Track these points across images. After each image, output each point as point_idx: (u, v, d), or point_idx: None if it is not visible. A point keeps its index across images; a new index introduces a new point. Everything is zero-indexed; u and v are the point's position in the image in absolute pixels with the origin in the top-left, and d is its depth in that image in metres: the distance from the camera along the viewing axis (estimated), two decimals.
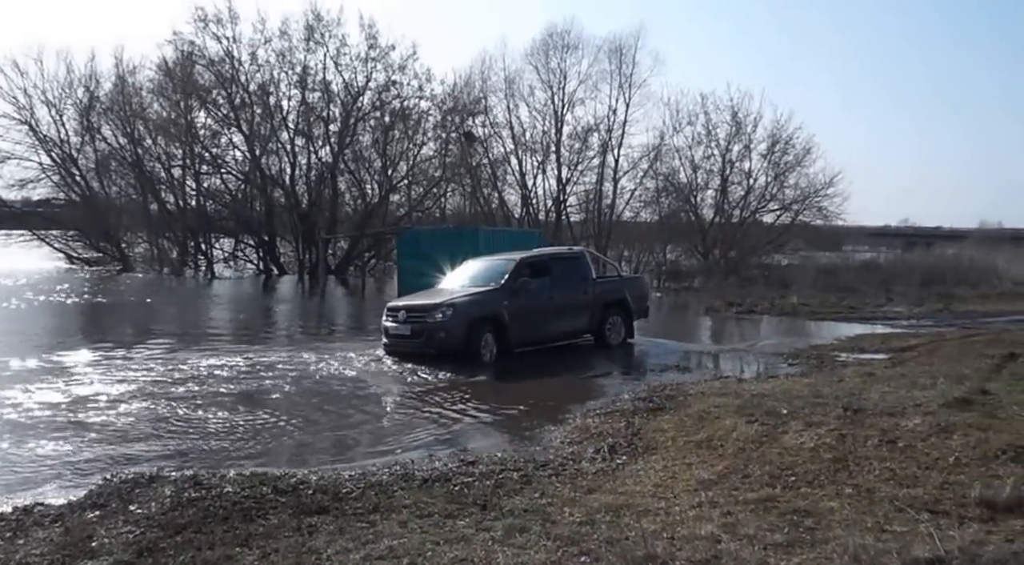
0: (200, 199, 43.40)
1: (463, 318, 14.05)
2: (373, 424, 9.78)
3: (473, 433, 9.33)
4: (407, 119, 41.23)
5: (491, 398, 11.22)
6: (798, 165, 39.53)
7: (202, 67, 40.36)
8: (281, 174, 41.85)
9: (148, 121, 42.95)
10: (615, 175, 40.93)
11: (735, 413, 8.51)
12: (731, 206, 40.67)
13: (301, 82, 40.16)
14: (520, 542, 5.22)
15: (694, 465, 7.04)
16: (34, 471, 7.60)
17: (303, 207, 41.16)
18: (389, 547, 5.17)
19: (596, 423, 9.07)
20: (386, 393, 11.66)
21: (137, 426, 9.31)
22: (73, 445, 8.49)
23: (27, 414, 9.91)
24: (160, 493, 6.31)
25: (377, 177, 42.38)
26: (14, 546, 5.44)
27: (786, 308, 24.06)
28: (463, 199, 44.65)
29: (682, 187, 41.02)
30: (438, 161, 42.62)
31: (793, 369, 13.14)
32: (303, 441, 8.94)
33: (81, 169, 44.54)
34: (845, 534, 5.07)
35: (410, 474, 6.98)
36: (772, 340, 17.92)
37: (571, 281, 16.00)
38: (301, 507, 6.04)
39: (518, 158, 41.97)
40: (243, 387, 11.83)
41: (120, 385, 11.63)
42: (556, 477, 6.93)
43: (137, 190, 44.24)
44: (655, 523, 5.51)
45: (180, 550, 5.24)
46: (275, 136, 41.12)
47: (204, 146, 41.72)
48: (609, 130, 40.66)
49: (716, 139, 40.23)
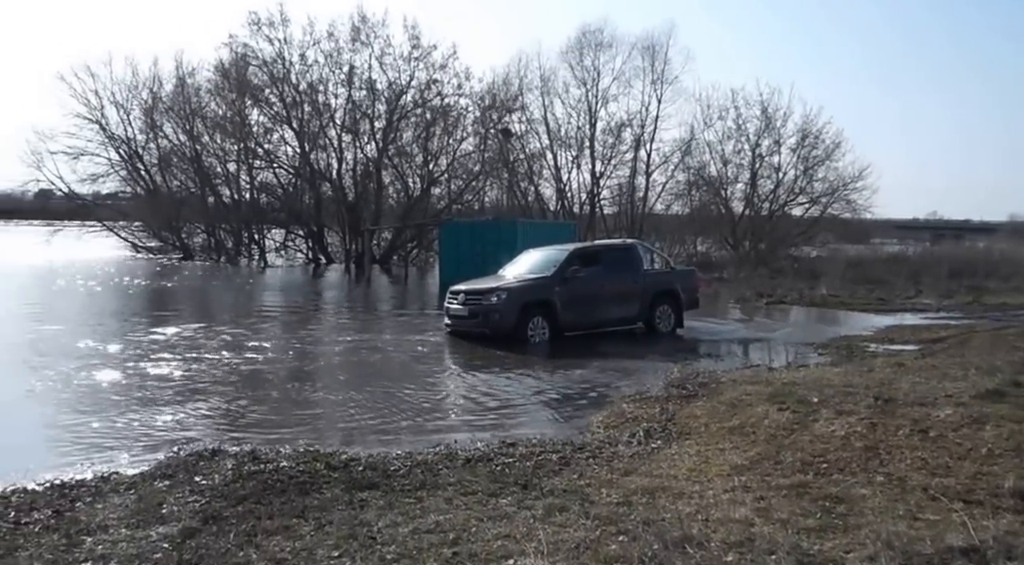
0: (254, 192, 43.97)
1: (516, 302, 14.70)
2: (424, 399, 9.86)
3: (513, 414, 9.32)
4: (447, 116, 41.25)
5: (534, 380, 11.27)
6: (827, 159, 38.97)
7: (256, 68, 40.68)
8: (329, 168, 42.11)
9: (206, 119, 43.56)
10: (647, 169, 40.75)
11: (767, 401, 8.41)
12: (760, 199, 40.21)
13: (348, 81, 40.33)
14: (560, 520, 5.22)
15: (727, 450, 6.98)
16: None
17: (350, 200, 41.35)
18: (436, 522, 5.21)
19: (631, 408, 9.03)
20: (437, 371, 11.74)
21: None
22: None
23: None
24: (222, 466, 6.47)
25: (419, 171, 42.49)
26: (94, 510, 5.63)
27: (815, 299, 23.69)
28: (501, 192, 44.68)
29: (712, 180, 40.68)
30: (477, 156, 42.63)
31: (823, 359, 12.96)
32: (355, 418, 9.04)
33: (145, 164, 45.39)
34: (878, 521, 4.99)
35: (454, 454, 7.02)
36: (802, 330, 17.71)
37: (622, 271, 16.27)
38: (352, 482, 6.11)
39: (553, 153, 41.95)
40: (301, 364, 11.98)
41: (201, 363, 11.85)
42: (593, 459, 6.92)
43: (196, 184, 44.84)
44: (690, 506, 5.47)
45: (242, 519, 5.34)
46: (323, 132, 41.35)
47: (257, 142, 42.08)
48: (642, 125, 40.48)
49: (746, 133, 39.83)
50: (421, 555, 4.68)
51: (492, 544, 4.81)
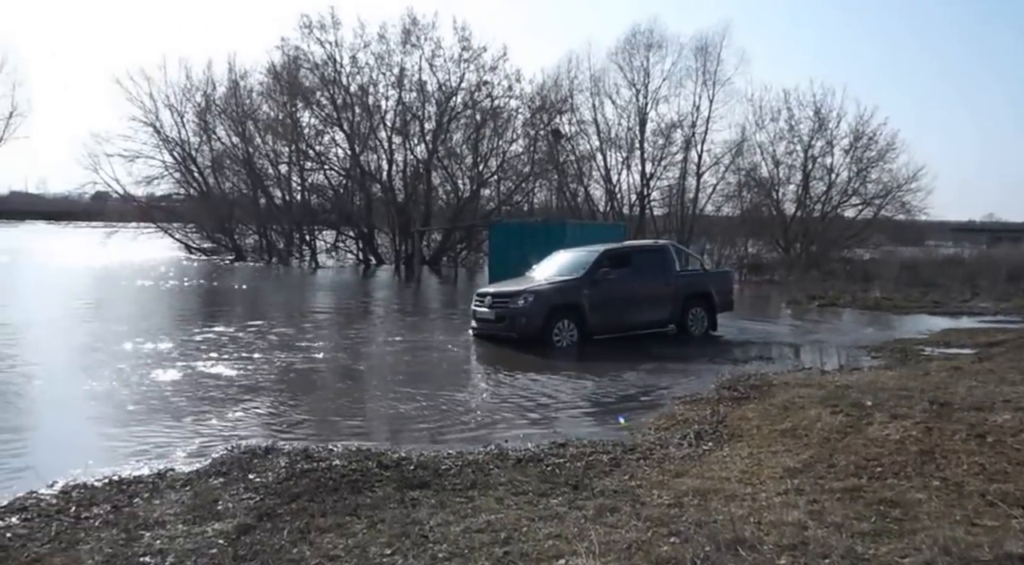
0: (305, 193, 44.41)
1: (543, 305, 14.47)
2: (474, 399, 9.91)
3: (563, 415, 9.33)
4: (497, 117, 41.35)
5: (584, 381, 11.23)
6: (881, 160, 38.26)
7: (307, 70, 41.14)
8: (379, 170, 42.42)
9: (258, 121, 44.12)
10: (698, 170, 40.40)
11: (819, 403, 8.31)
12: (812, 201, 39.62)
13: (398, 83, 40.62)
14: (611, 521, 5.22)
15: (779, 453, 6.90)
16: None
17: (400, 201, 41.63)
18: (487, 521, 5.23)
19: (682, 410, 8.99)
20: (486, 371, 11.79)
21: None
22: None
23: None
24: (275, 464, 6.56)
25: (469, 173, 42.65)
26: (151, 505, 5.74)
27: (868, 302, 23.29)
28: (550, 194, 44.69)
29: (764, 182, 40.20)
30: (527, 157, 42.68)
31: (877, 362, 12.76)
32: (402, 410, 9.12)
33: (199, 166, 46.00)
34: (934, 526, 4.91)
35: (504, 454, 7.04)
36: (855, 333, 17.42)
37: (653, 273, 16.00)
38: (404, 481, 6.16)
39: (603, 154, 41.78)
40: (352, 363, 12.12)
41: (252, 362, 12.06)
42: (644, 461, 6.89)
43: (248, 185, 45.39)
44: (742, 508, 5.43)
45: (295, 517, 5.41)
46: (374, 134, 41.70)
47: (308, 144, 42.56)
48: (692, 126, 40.13)
49: (798, 134, 39.25)
50: (472, 554, 4.71)
51: (543, 544, 4.82)
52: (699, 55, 39.89)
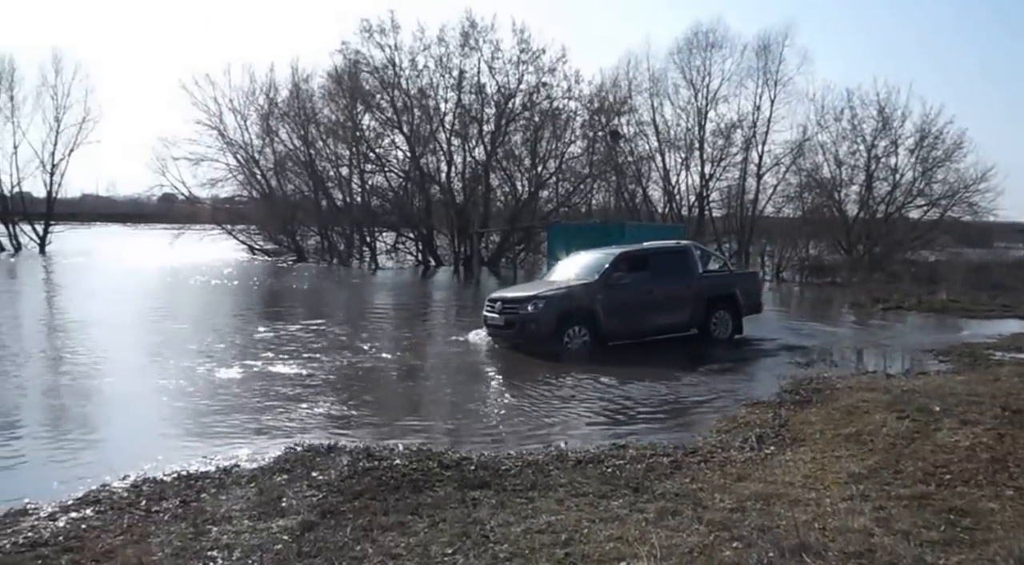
0: (365, 195, 44.78)
1: (553, 311, 13.83)
2: (533, 399, 9.89)
3: (622, 416, 9.27)
4: (556, 119, 41.26)
5: (642, 383, 11.11)
6: (948, 160, 37.16)
7: (367, 74, 41.50)
8: (438, 172, 42.66)
9: (319, 124, 44.68)
10: (758, 171, 39.78)
11: (885, 408, 8.14)
12: (876, 201, 38.73)
13: (457, 85, 40.76)
14: (673, 525, 5.18)
15: (843, 458, 6.77)
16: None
17: (458, 203, 41.81)
18: (548, 523, 5.23)
19: (743, 413, 8.88)
20: (544, 372, 11.74)
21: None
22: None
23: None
24: (338, 462, 6.64)
25: (527, 174, 42.63)
26: (218, 501, 5.87)
27: (935, 304, 22.66)
28: (608, 195, 44.40)
29: (825, 182, 39.40)
30: (585, 159, 42.48)
31: (944, 366, 12.42)
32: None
33: (262, 169, 46.82)
34: (1008, 536, 4.76)
35: (564, 455, 7.02)
36: (921, 336, 16.96)
37: (673, 275, 15.27)
38: (464, 481, 6.19)
39: (662, 155, 41.43)
40: (413, 363, 12.22)
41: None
42: (705, 464, 6.82)
43: (309, 187, 45.99)
44: (806, 513, 5.34)
45: (358, 514, 5.48)
46: (433, 136, 41.94)
47: (369, 146, 42.97)
48: (753, 126, 39.53)
49: (862, 134, 38.35)
50: (534, 555, 4.71)
51: (604, 546, 4.80)
52: (760, 54, 39.32)
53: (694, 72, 39.96)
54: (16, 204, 49.23)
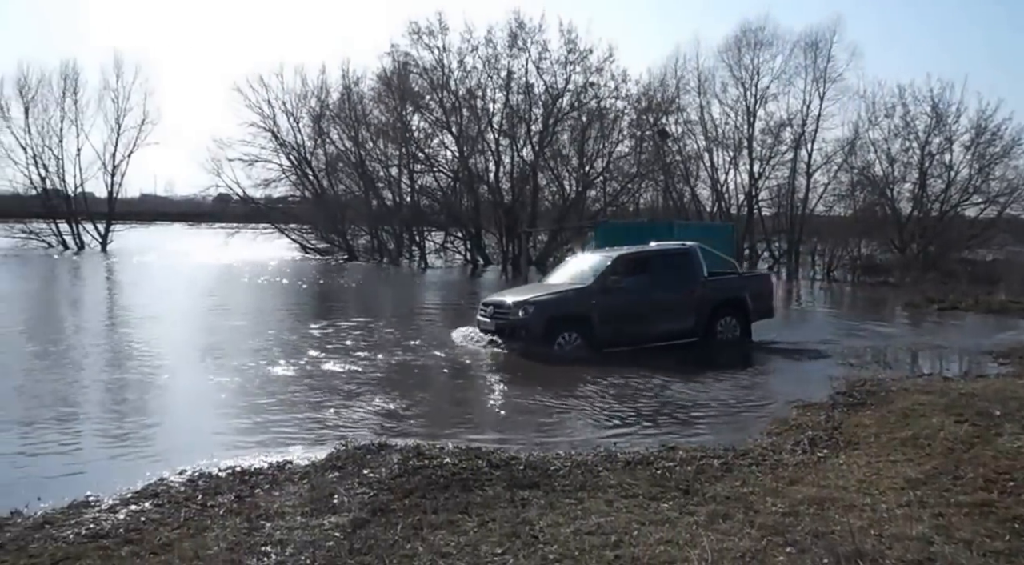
0: (414, 195, 45.15)
1: (543, 316, 13.27)
2: (580, 399, 9.84)
3: (672, 418, 9.15)
4: (603, 118, 41.10)
5: (693, 384, 10.96)
6: (1005, 156, 36.13)
7: (416, 75, 41.81)
8: (487, 172, 42.75)
9: (369, 125, 45.14)
10: (808, 169, 39.17)
11: (942, 412, 7.93)
12: (930, 199, 37.87)
13: (505, 86, 40.83)
14: (724, 528, 5.08)
15: (899, 463, 6.60)
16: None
17: (506, 202, 41.85)
18: (597, 524, 5.17)
19: (795, 415, 8.71)
20: (592, 372, 11.64)
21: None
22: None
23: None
24: (388, 460, 6.65)
25: (575, 174, 42.54)
26: (271, 497, 5.91)
27: (993, 305, 22.02)
28: (656, 194, 44.13)
29: (877, 181, 38.64)
30: (633, 158, 42.26)
31: (1004, 368, 12.05)
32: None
33: (314, 169, 47.45)
34: None
35: (613, 456, 6.95)
36: (979, 337, 16.49)
37: (676, 279, 14.54)
38: (514, 481, 6.15)
39: (710, 154, 41.04)
40: (462, 360, 12.25)
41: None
42: (756, 466, 6.69)
43: (360, 188, 46.45)
44: (862, 519, 5.21)
45: (408, 512, 5.47)
46: (481, 137, 42.05)
47: (418, 147, 43.24)
48: (802, 124, 38.93)
49: (915, 131, 37.50)
50: (583, 556, 4.66)
51: (654, 549, 4.73)
52: (809, 51, 38.74)
53: (743, 70, 39.57)
54: (79, 204, 50.50)
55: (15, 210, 47.58)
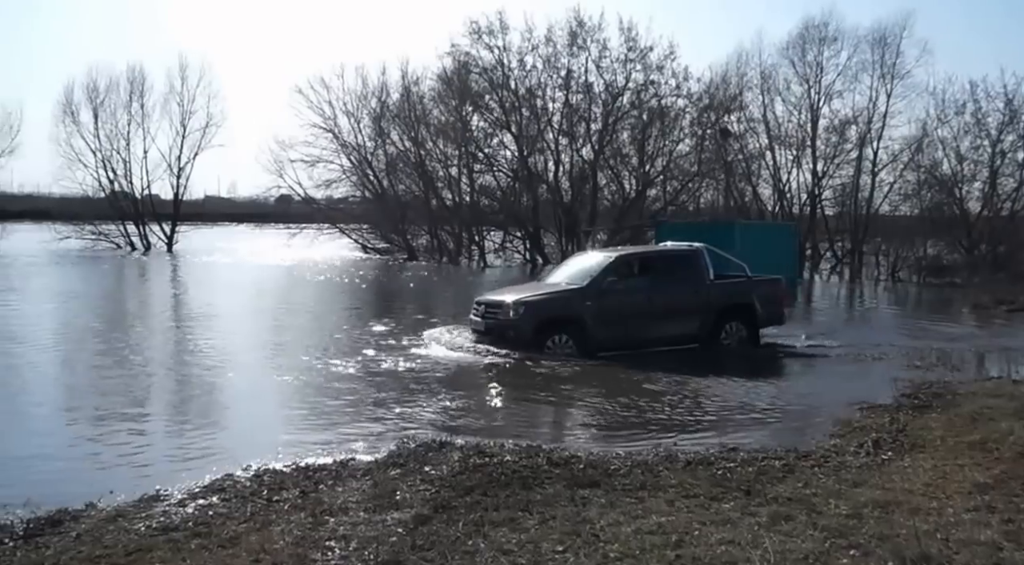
0: (474, 195, 45.29)
1: (532, 318, 12.94)
2: (638, 399, 9.80)
3: (733, 419, 9.08)
4: (664, 117, 40.80)
5: (752, 384, 10.84)
6: None
7: (476, 74, 41.96)
8: (546, 171, 42.77)
9: (429, 126, 45.37)
10: (873, 168, 38.29)
11: (1012, 416, 7.75)
12: (1001, 198, 36.82)
13: (565, 85, 40.77)
14: (786, 530, 5.04)
15: (967, 467, 6.47)
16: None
17: (566, 201, 41.81)
18: (658, 523, 5.17)
19: (858, 417, 8.58)
20: (649, 372, 11.59)
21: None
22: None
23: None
24: (449, 457, 6.72)
25: (634, 173, 42.33)
26: (335, 492, 6.01)
27: None
28: (717, 193, 43.62)
29: (945, 179, 37.66)
30: (694, 157, 41.84)
31: None
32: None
33: (374, 170, 47.77)
34: None
35: (674, 456, 6.93)
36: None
37: (679, 281, 14.04)
38: (574, 479, 6.17)
39: (772, 152, 40.40)
40: (522, 360, 12.33)
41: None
42: (819, 468, 6.61)
43: (420, 188, 46.68)
44: (928, 523, 5.12)
45: (470, 509, 5.52)
46: (541, 136, 42.06)
47: (478, 146, 43.43)
48: (868, 122, 38.03)
49: (986, 128, 36.41)
50: (644, 556, 4.66)
51: (716, 549, 4.72)
52: (876, 48, 37.82)
53: (807, 67, 38.78)
54: (146, 206, 51.65)
55: (85, 212, 48.89)
